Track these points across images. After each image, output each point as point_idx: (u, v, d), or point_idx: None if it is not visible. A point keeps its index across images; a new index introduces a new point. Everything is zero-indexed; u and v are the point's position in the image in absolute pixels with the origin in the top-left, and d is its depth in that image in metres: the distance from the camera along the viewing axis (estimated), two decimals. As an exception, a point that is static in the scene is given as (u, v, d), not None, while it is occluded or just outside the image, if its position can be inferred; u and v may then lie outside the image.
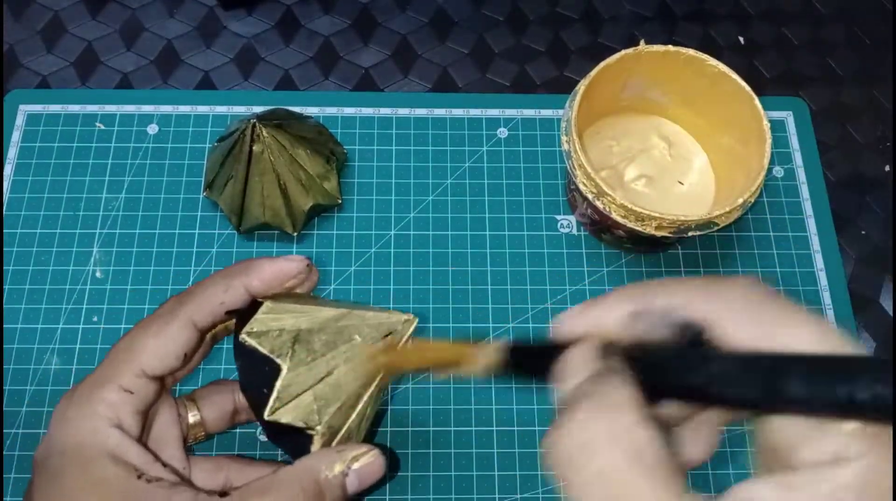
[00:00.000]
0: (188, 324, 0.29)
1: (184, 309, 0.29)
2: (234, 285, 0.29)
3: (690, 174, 0.46)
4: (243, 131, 0.41)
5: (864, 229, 0.48)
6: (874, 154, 0.51)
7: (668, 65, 0.43)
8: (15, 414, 0.41)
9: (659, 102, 0.46)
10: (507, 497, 0.40)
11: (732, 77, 0.42)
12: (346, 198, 0.47)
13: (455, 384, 0.42)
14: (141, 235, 0.45)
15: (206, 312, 0.29)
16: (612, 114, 0.47)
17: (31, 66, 0.51)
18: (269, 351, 0.28)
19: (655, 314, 0.20)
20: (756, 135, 0.41)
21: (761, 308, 0.18)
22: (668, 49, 0.42)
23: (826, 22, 0.56)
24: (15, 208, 0.46)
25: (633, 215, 0.39)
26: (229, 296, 0.29)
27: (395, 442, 0.41)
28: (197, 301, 0.29)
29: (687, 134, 0.47)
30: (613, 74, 0.42)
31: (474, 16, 0.55)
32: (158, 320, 0.29)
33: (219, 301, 0.29)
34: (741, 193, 0.39)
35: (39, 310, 0.43)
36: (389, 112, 0.50)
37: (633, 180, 0.45)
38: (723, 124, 0.44)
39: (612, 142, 0.46)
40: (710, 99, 0.43)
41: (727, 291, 0.19)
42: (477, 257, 0.45)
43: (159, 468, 0.27)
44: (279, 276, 0.30)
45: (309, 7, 0.54)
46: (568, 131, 0.41)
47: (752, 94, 0.41)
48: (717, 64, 0.42)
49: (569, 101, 0.41)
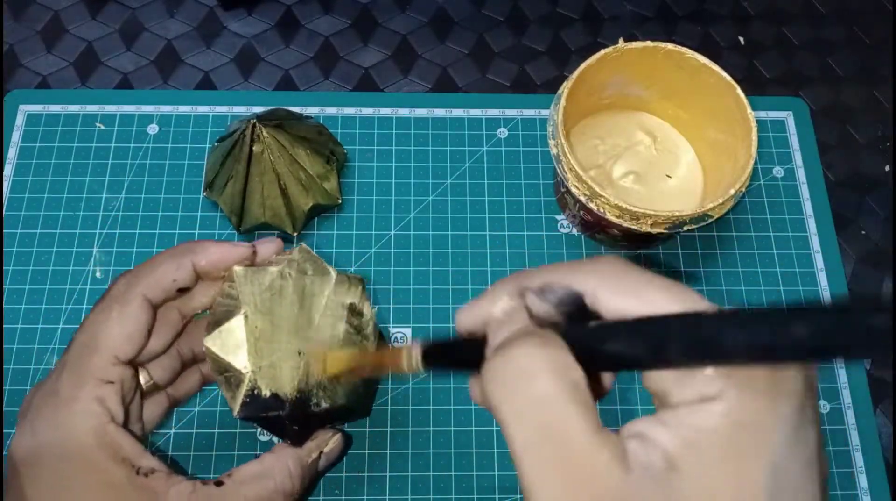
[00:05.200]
0: (144, 302, 0.30)
1: (137, 289, 0.30)
2: (185, 263, 0.31)
3: (678, 168, 0.46)
4: (243, 131, 0.41)
5: (864, 229, 0.48)
6: (874, 154, 0.51)
7: (647, 60, 0.43)
8: (15, 414, 0.41)
9: (641, 97, 0.46)
10: (507, 497, 0.40)
11: (713, 69, 0.42)
12: (346, 198, 0.47)
13: (455, 384, 0.42)
14: (141, 235, 0.45)
15: (160, 289, 0.30)
16: (594, 113, 0.47)
17: (31, 66, 0.51)
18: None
19: (536, 291, 0.22)
20: (741, 125, 0.41)
21: (627, 278, 0.20)
22: (647, 45, 0.42)
23: (826, 22, 0.56)
24: (15, 208, 0.46)
25: (628, 215, 0.39)
26: (181, 274, 0.31)
27: (394, 443, 0.41)
28: (149, 280, 0.30)
29: (671, 128, 0.47)
30: (595, 74, 0.42)
31: (474, 16, 0.55)
32: (114, 304, 0.29)
33: (171, 278, 0.30)
34: (731, 183, 0.39)
35: (39, 310, 0.43)
36: (389, 112, 0.50)
37: (622, 178, 0.45)
38: (707, 116, 0.44)
39: (597, 141, 0.46)
40: (691, 92, 0.44)
41: (595, 267, 0.21)
42: (477, 257, 0.45)
43: (149, 457, 0.28)
44: (226, 259, 0.31)
45: (309, 7, 0.54)
46: (555, 135, 0.41)
47: (733, 83, 0.41)
48: (696, 56, 0.42)
49: (553, 104, 0.42)
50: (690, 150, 0.47)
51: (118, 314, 0.29)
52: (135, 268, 0.31)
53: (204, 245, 0.31)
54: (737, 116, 0.41)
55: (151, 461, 0.28)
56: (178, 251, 0.31)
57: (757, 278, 0.46)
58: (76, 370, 0.28)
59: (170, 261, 0.30)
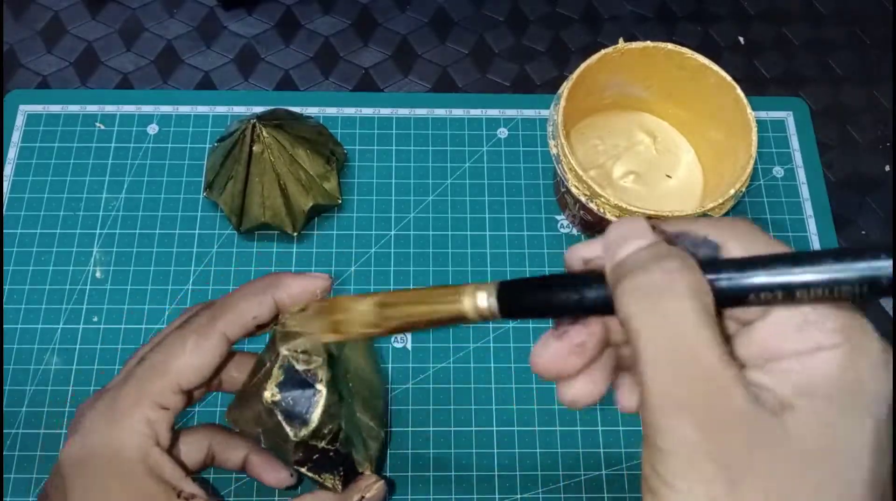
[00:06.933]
0: (223, 339, 0.30)
1: (219, 324, 0.30)
2: (266, 300, 0.30)
3: (678, 168, 0.46)
4: (243, 131, 0.41)
5: (864, 229, 0.48)
6: (874, 154, 0.51)
7: (648, 61, 0.43)
8: (15, 414, 0.41)
9: (641, 97, 0.46)
10: (507, 497, 0.40)
11: (713, 69, 0.42)
12: (346, 198, 0.47)
13: (455, 384, 0.42)
14: (141, 235, 0.45)
15: (239, 326, 0.30)
16: (594, 113, 0.47)
17: (31, 66, 0.51)
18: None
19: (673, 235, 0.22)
20: (741, 125, 0.41)
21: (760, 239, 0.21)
22: (647, 45, 0.42)
23: (826, 22, 0.56)
24: (15, 208, 0.46)
25: (628, 215, 0.39)
26: (262, 310, 0.30)
27: (394, 443, 0.41)
28: (231, 316, 0.30)
29: (671, 128, 0.47)
30: (595, 74, 0.42)
31: (474, 16, 0.55)
32: (193, 334, 0.29)
33: (251, 316, 0.30)
34: (730, 183, 0.39)
35: (39, 310, 0.43)
36: (389, 112, 0.50)
37: (622, 177, 0.45)
38: (707, 117, 0.44)
39: (597, 141, 0.46)
40: (692, 92, 0.44)
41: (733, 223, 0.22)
42: (477, 257, 0.45)
43: (190, 483, 0.28)
44: (307, 292, 0.31)
45: (309, 7, 0.54)
46: (555, 135, 0.41)
47: (733, 84, 0.41)
48: (696, 56, 0.42)
49: (553, 104, 0.42)
50: (690, 150, 0.47)
51: (194, 346, 0.29)
52: (217, 301, 0.31)
53: (283, 280, 0.31)
54: (737, 116, 0.41)
55: (192, 486, 0.28)
56: (260, 288, 0.30)
57: (757, 278, 0.46)
58: (139, 387, 0.29)
59: (251, 298, 0.30)
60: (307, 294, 0.31)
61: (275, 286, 0.30)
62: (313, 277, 0.31)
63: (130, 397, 0.28)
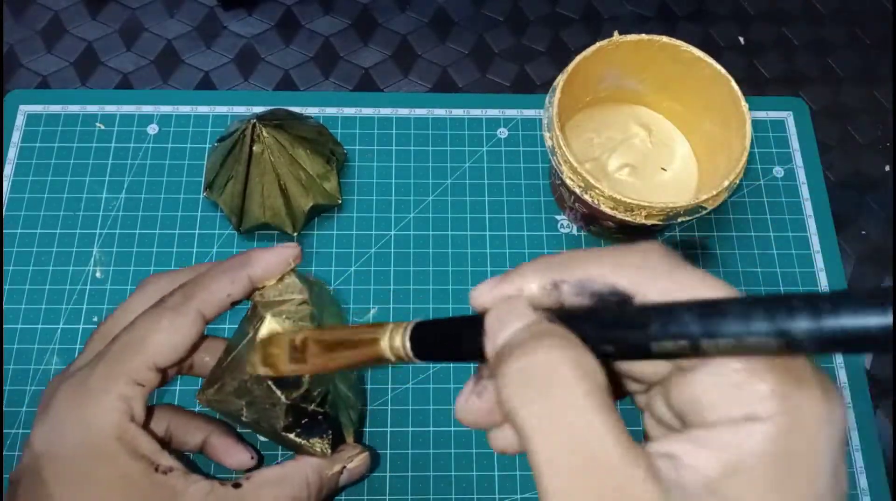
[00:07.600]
0: (199, 317, 0.30)
1: (193, 302, 0.30)
2: (240, 276, 0.30)
3: (673, 161, 0.46)
4: (243, 131, 0.41)
5: (864, 229, 0.48)
6: (874, 154, 0.51)
7: (643, 53, 0.43)
8: (15, 414, 0.41)
9: (636, 90, 0.46)
10: (507, 497, 0.40)
11: (708, 61, 0.42)
12: (346, 198, 0.47)
13: (455, 384, 0.42)
14: (141, 235, 0.45)
15: (214, 304, 0.30)
16: (590, 106, 0.47)
17: (31, 66, 0.51)
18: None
19: (574, 284, 0.20)
20: (735, 117, 0.41)
21: (674, 273, 0.19)
22: (642, 38, 0.42)
23: (826, 22, 0.56)
24: (15, 208, 0.46)
25: (622, 206, 0.39)
26: (236, 288, 0.30)
27: (394, 443, 0.41)
28: (205, 294, 0.30)
29: (666, 121, 0.47)
30: (590, 67, 0.42)
31: (474, 16, 0.55)
32: (168, 312, 0.29)
33: (226, 293, 0.30)
34: (724, 175, 0.39)
35: (39, 310, 0.43)
36: (389, 112, 0.50)
37: (617, 170, 0.45)
38: (701, 109, 0.44)
39: (592, 134, 0.46)
40: (687, 85, 0.44)
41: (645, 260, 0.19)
42: (477, 257, 0.45)
43: (167, 456, 0.28)
44: (280, 263, 0.31)
45: (309, 7, 0.54)
46: (550, 127, 0.41)
47: (727, 76, 0.41)
48: (690, 49, 0.42)
49: (548, 97, 0.42)
50: (685, 142, 0.47)
51: (169, 323, 0.29)
52: (192, 279, 0.31)
53: (255, 255, 0.31)
54: (731, 110, 0.41)
55: (169, 459, 0.28)
56: (232, 266, 0.30)
57: (757, 278, 0.46)
58: (113, 365, 0.28)
59: (223, 277, 0.30)
60: (281, 264, 0.31)
61: (248, 264, 0.30)
62: (283, 246, 0.31)
63: (104, 375, 0.28)
